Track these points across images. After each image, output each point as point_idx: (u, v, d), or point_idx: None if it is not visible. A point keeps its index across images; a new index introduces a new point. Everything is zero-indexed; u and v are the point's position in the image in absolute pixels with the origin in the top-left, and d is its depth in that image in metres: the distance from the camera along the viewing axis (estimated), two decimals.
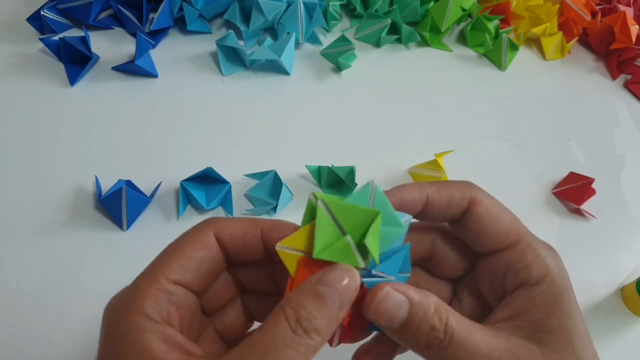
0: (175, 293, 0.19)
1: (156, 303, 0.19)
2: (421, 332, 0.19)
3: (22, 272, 0.35)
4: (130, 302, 0.19)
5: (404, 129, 0.49)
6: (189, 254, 0.20)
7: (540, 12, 0.59)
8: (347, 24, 0.57)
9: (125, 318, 0.18)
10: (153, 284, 0.19)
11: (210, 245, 0.21)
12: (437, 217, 0.23)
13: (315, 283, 0.18)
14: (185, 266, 0.20)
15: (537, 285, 0.21)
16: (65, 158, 0.41)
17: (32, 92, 0.44)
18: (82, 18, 0.48)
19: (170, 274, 0.19)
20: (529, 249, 0.22)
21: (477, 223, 0.22)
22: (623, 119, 0.56)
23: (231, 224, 0.21)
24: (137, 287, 0.19)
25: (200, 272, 0.20)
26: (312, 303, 0.18)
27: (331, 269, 0.19)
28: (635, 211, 0.48)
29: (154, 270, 0.20)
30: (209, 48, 0.50)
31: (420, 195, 0.22)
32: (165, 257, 0.20)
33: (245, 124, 0.46)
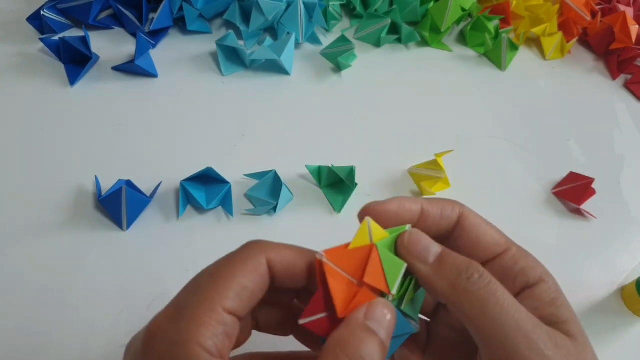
0: (229, 324, 0.19)
1: (215, 335, 0.18)
2: (460, 264, 0.20)
3: (22, 272, 0.35)
4: (187, 331, 0.18)
5: (404, 129, 0.49)
6: (244, 283, 0.19)
7: (540, 12, 0.59)
8: (347, 24, 0.57)
9: (182, 349, 0.17)
10: (212, 314, 0.18)
11: (263, 273, 0.20)
12: (432, 228, 0.23)
13: (363, 319, 0.19)
14: (240, 296, 0.19)
15: (538, 285, 0.21)
16: (65, 158, 0.41)
17: (32, 92, 0.44)
18: (82, 18, 0.48)
19: (228, 304, 0.19)
20: (519, 255, 0.22)
21: (469, 234, 0.23)
22: (623, 119, 0.56)
23: (284, 253, 0.21)
24: (193, 315, 0.18)
25: (251, 301, 0.20)
26: (365, 339, 0.18)
27: (375, 305, 0.19)
28: (635, 211, 0.48)
29: (210, 297, 0.19)
30: (209, 48, 0.50)
31: (416, 205, 0.22)
32: (221, 283, 0.19)
33: (245, 124, 0.46)
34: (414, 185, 0.45)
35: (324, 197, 0.43)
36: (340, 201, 0.42)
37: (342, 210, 0.42)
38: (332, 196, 0.42)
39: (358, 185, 0.41)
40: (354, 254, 0.20)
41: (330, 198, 0.42)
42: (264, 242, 0.21)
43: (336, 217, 0.41)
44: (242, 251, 0.21)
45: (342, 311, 0.19)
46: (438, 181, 0.44)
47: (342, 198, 0.42)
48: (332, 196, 0.42)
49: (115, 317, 0.34)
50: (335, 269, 0.20)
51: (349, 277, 0.20)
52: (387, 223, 0.22)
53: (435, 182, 0.44)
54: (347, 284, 0.20)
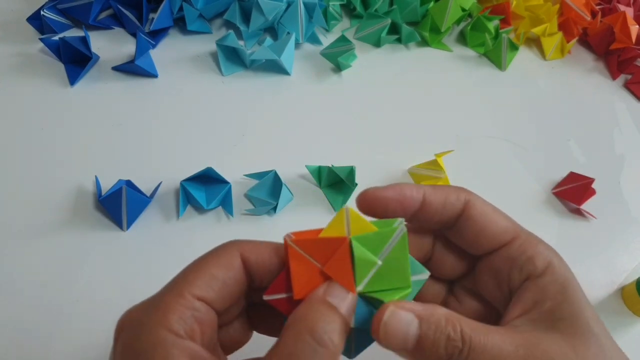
0: (199, 309, 0.19)
1: (182, 318, 0.18)
2: (438, 345, 0.19)
3: (22, 272, 0.35)
4: (154, 316, 0.18)
5: (404, 129, 0.49)
6: (214, 273, 0.20)
7: (540, 12, 0.59)
8: (347, 24, 0.57)
9: (149, 332, 0.18)
10: (179, 299, 0.19)
11: (236, 266, 0.21)
12: (434, 217, 0.22)
13: (324, 295, 0.19)
14: (210, 284, 0.20)
15: (543, 276, 0.21)
16: (65, 158, 0.41)
17: (32, 92, 0.44)
18: (82, 18, 0.48)
19: (196, 290, 0.19)
20: (528, 243, 0.22)
21: (474, 224, 0.22)
22: (623, 119, 0.56)
23: (259, 247, 0.21)
24: (161, 301, 0.19)
25: (223, 292, 0.20)
26: (326, 313, 0.18)
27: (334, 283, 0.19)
28: (635, 211, 0.48)
29: (179, 285, 0.19)
30: (209, 48, 0.50)
31: (418, 192, 0.22)
32: (191, 273, 0.20)
33: (245, 124, 0.46)
34: None
35: (324, 197, 0.43)
36: (340, 201, 0.42)
37: None
38: (332, 196, 0.42)
39: (358, 185, 0.41)
40: (326, 242, 0.20)
41: (330, 198, 0.42)
42: (240, 240, 0.21)
43: None
44: (218, 247, 0.21)
45: (299, 293, 0.20)
46: (438, 181, 0.44)
47: (342, 198, 0.42)
48: (332, 196, 0.42)
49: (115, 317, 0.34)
50: (301, 253, 0.20)
51: (314, 263, 0.20)
52: (385, 210, 0.22)
53: (436, 182, 0.44)
54: (311, 269, 0.20)
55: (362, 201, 0.22)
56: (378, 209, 0.22)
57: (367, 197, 0.22)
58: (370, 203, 0.22)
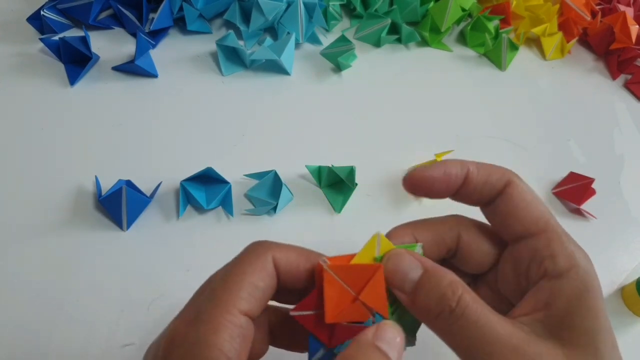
0: (245, 326, 0.19)
1: (232, 337, 0.18)
2: (431, 297, 0.19)
3: (21, 272, 0.35)
4: (205, 335, 0.17)
5: (404, 129, 0.49)
6: (255, 282, 0.19)
7: (540, 12, 0.59)
8: (347, 24, 0.57)
9: (201, 353, 0.17)
10: (227, 316, 0.18)
11: (271, 273, 0.20)
12: (474, 194, 0.22)
13: (373, 339, 0.18)
14: (253, 295, 0.19)
15: (561, 278, 0.20)
16: (65, 158, 0.41)
17: (32, 92, 0.44)
18: (82, 18, 0.48)
19: (242, 305, 0.19)
20: (556, 239, 0.21)
21: (509, 205, 0.22)
22: (623, 119, 0.56)
23: (289, 252, 0.21)
24: (210, 317, 0.18)
25: (263, 300, 0.20)
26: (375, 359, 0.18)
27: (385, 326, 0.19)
28: (635, 211, 0.48)
29: (224, 298, 0.18)
30: (209, 48, 0.50)
31: (462, 169, 0.22)
32: (233, 283, 0.19)
33: (245, 124, 0.46)
34: None
35: (324, 197, 0.43)
36: (340, 201, 0.42)
37: (342, 210, 0.42)
38: (332, 196, 0.42)
39: (358, 185, 0.41)
40: (361, 268, 0.20)
41: (330, 198, 0.42)
42: (268, 242, 0.21)
43: (336, 217, 0.41)
44: (249, 251, 0.21)
45: (331, 317, 0.20)
46: None
47: (342, 198, 0.42)
48: (332, 196, 0.42)
49: (115, 317, 0.34)
50: (335, 278, 0.20)
51: (347, 288, 0.20)
52: (431, 189, 0.22)
53: None
54: (343, 294, 0.20)
55: (410, 181, 0.22)
56: (424, 187, 0.22)
57: (414, 176, 0.22)
58: (417, 183, 0.22)
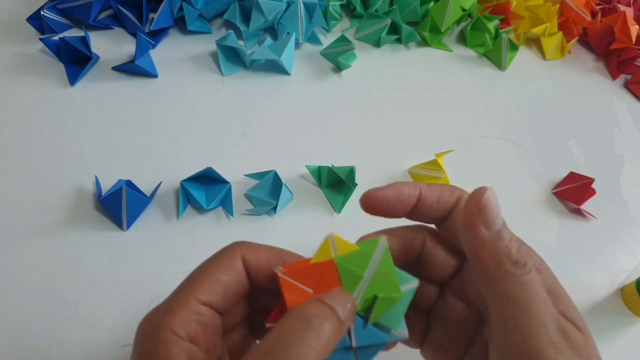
0: (203, 314, 0.20)
1: (185, 322, 0.20)
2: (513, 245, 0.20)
3: (21, 272, 0.35)
4: (161, 320, 0.20)
5: (404, 129, 0.49)
6: (218, 277, 0.21)
7: (540, 12, 0.59)
8: (347, 24, 0.57)
9: (155, 334, 0.20)
10: (184, 304, 0.20)
11: (238, 269, 0.22)
12: (429, 212, 0.23)
13: (322, 297, 0.20)
14: (214, 289, 0.21)
15: None
16: (65, 158, 0.41)
17: (32, 92, 0.44)
18: (82, 18, 0.48)
19: (201, 295, 0.21)
20: (514, 241, 0.22)
21: None
22: (623, 119, 0.56)
23: (258, 251, 0.22)
24: (168, 307, 0.20)
25: (227, 294, 0.21)
26: (320, 309, 0.19)
27: (336, 290, 0.21)
28: (635, 211, 0.48)
29: (185, 291, 0.21)
30: (209, 48, 0.50)
31: (414, 189, 0.23)
32: (196, 278, 0.21)
33: (245, 124, 0.46)
34: None
35: (324, 197, 0.43)
36: (340, 201, 0.42)
37: (342, 210, 0.42)
38: (332, 196, 0.42)
39: (358, 185, 0.41)
40: (314, 267, 0.21)
41: (331, 198, 0.42)
42: (242, 242, 0.23)
43: (336, 217, 0.41)
44: (222, 251, 0.22)
45: None
46: (438, 181, 0.44)
47: (342, 198, 0.42)
48: (332, 196, 0.42)
49: (115, 317, 0.34)
50: (292, 282, 0.21)
51: (306, 289, 0.21)
52: (387, 208, 0.23)
53: (436, 182, 0.44)
54: (305, 296, 0.21)
55: (365, 201, 0.23)
56: (380, 207, 0.23)
57: (369, 197, 0.23)
58: (373, 203, 0.23)
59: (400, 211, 0.23)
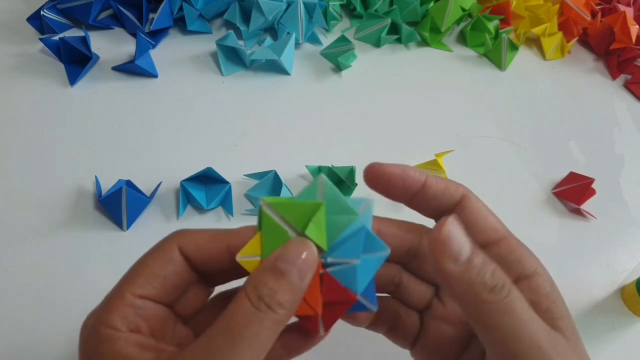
0: (142, 306, 0.20)
1: (123, 317, 0.20)
2: (486, 270, 0.19)
3: (21, 272, 0.35)
4: (99, 318, 0.20)
5: (404, 129, 0.49)
6: (153, 270, 0.21)
7: (540, 12, 0.59)
8: (347, 24, 0.57)
9: (96, 332, 0.20)
10: (120, 300, 0.20)
11: (174, 260, 0.21)
12: (431, 202, 0.23)
13: (274, 260, 0.19)
14: (150, 282, 0.21)
15: (533, 277, 0.21)
16: (65, 158, 0.41)
17: (32, 92, 0.44)
18: (82, 18, 0.48)
19: (136, 290, 0.20)
20: (516, 245, 0.22)
21: (469, 216, 0.22)
22: (623, 119, 0.56)
23: (196, 237, 0.22)
24: (106, 304, 0.21)
25: (166, 286, 0.21)
26: (272, 279, 0.19)
27: (288, 245, 0.20)
28: (635, 211, 0.48)
29: (121, 287, 0.21)
30: (209, 48, 0.50)
31: (421, 174, 0.23)
32: (132, 273, 0.21)
33: (245, 124, 0.46)
34: None
35: None
36: None
37: None
38: None
39: (358, 185, 0.41)
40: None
41: None
42: (179, 231, 0.22)
43: None
44: (158, 243, 0.22)
45: None
46: None
47: None
48: None
49: None
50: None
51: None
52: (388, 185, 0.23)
53: None
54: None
55: (369, 171, 0.23)
56: (381, 182, 0.23)
57: (373, 169, 0.22)
58: (375, 176, 0.23)
59: (402, 192, 0.23)
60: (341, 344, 0.35)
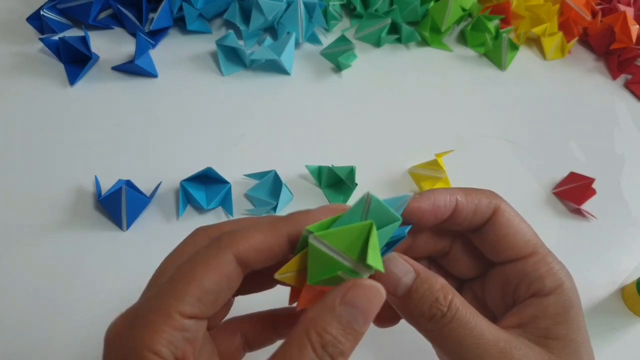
0: (190, 329, 0.18)
1: (171, 343, 0.17)
2: (424, 302, 0.20)
3: (21, 272, 0.35)
4: (141, 337, 0.17)
5: (404, 129, 0.49)
6: (207, 285, 0.18)
7: (541, 12, 0.59)
8: (347, 23, 0.57)
9: (134, 355, 0.17)
10: (167, 320, 0.17)
11: (230, 272, 0.18)
12: (463, 223, 0.23)
13: (338, 303, 0.17)
14: (202, 299, 0.18)
15: (549, 296, 0.21)
16: (65, 158, 0.40)
17: (31, 92, 0.44)
18: (81, 18, 0.48)
19: (186, 309, 0.17)
20: (543, 262, 0.22)
21: (499, 232, 0.22)
22: (623, 119, 0.56)
23: (252, 239, 0.19)
24: (148, 321, 0.17)
25: (217, 302, 0.19)
26: (336, 328, 0.17)
27: (356, 287, 0.18)
28: (635, 211, 0.48)
29: (167, 301, 0.17)
30: (209, 48, 0.50)
31: (451, 199, 0.22)
32: (180, 286, 0.18)
33: (245, 124, 0.46)
34: (414, 185, 0.45)
35: (324, 197, 0.42)
36: (340, 201, 0.42)
37: None
38: (332, 196, 0.42)
39: (358, 185, 0.41)
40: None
41: (331, 198, 0.42)
42: (231, 233, 0.19)
43: None
44: (208, 248, 0.19)
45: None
46: (438, 181, 0.44)
47: (342, 198, 0.42)
48: (332, 196, 0.42)
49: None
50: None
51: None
52: (420, 222, 0.22)
53: (436, 182, 0.44)
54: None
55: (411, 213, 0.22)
56: (413, 219, 0.22)
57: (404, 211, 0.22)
58: (408, 217, 0.22)
59: (432, 223, 0.22)
60: None
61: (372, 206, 0.19)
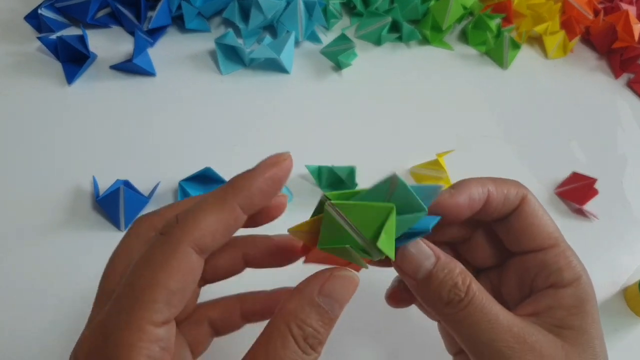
0: (164, 337, 0.17)
1: (150, 357, 0.16)
2: (443, 287, 0.20)
3: (18, 272, 0.34)
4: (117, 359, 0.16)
5: (405, 129, 0.48)
6: (172, 287, 0.17)
7: (542, 10, 0.59)
8: (347, 22, 0.56)
9: None
10: (141, 335, 0.16)
11: (192, 266, 0.18)
12: (493, 214, 0.23)
13: (317, 294, 0.18)
14: (170, 302, 0.17)
15: (566, 288, 0.22)
16: (63, 158, 0.40)
17: (29, 91, 0.43)
18: (79, 16, 0.48)
19: (157, 317, 0.16)
20: (563, 255, 0.23)
21: (523, 223, 0.23)
22: (626, 118, 0.56)
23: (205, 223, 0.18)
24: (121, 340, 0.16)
25: (184, 299, 0.18)
26: (316, 319, 0.18)
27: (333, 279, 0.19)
28: (638, 211, 0.48)
29: (136, 315, 0.16)
30: (208, 47, 0.50)
31: (483, 191, 0.22)
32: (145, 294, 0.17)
33: (245, 123, 0.45)
34: None
35: None
36: None
37: None
38: None
39: (358, 185, 0.41)
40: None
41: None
42: (179, 225, 0.18)
43: None
44: (162, 247, 0.18)
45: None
46: (439, 181, 0.43)
47: None
48: None
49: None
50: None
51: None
52: (458, 216, 0.22)
53: (437, 182, 0.43)
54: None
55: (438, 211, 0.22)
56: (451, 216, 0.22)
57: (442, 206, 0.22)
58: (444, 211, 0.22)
59: (467, 217, 0.23)
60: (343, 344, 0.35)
61: (397, 189, 0.19)
